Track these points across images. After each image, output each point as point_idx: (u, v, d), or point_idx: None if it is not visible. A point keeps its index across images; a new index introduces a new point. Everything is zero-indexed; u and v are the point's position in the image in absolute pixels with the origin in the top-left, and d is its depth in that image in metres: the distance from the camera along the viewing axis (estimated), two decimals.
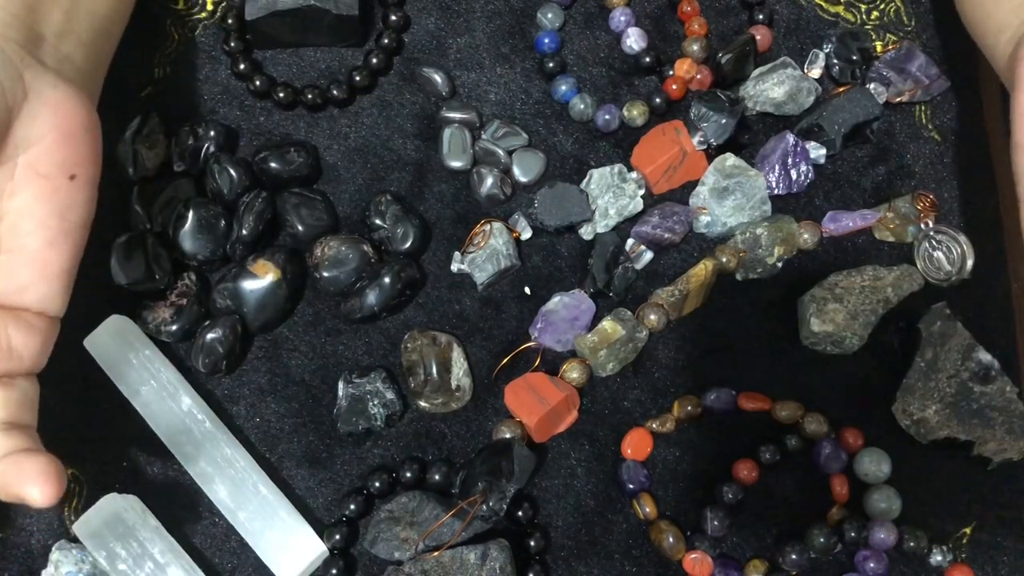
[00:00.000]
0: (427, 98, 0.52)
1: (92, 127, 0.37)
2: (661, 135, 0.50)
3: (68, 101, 0.36)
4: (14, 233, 0.35)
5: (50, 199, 0.35)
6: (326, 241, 0.48)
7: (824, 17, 0.53)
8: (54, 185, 0.35)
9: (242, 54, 0.51)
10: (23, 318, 0.35)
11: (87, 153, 0.36)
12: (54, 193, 0.35)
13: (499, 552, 0.43)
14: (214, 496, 0.45)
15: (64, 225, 0.36)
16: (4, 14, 0.36)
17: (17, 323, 0.35)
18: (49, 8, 0.38)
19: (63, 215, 0.36)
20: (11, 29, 0.36)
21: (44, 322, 0.36)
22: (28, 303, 0.35)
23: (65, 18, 0.39)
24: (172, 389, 0.46)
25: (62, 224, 0.36)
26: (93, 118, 0.37)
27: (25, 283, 0.35)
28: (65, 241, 0.36)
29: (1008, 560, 0.45)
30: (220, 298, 0.47)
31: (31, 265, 0.35)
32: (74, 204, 0.36)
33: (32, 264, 0.35)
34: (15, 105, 0.34)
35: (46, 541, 0.45)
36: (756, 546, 0.46)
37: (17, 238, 0.35)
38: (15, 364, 0.35)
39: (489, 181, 0.50)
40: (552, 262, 0.50)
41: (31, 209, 0.35)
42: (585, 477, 0.47)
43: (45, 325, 0.36)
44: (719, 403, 0.47)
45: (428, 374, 0.47)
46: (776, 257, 0.48)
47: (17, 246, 0.35)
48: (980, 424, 0.45)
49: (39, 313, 0.36)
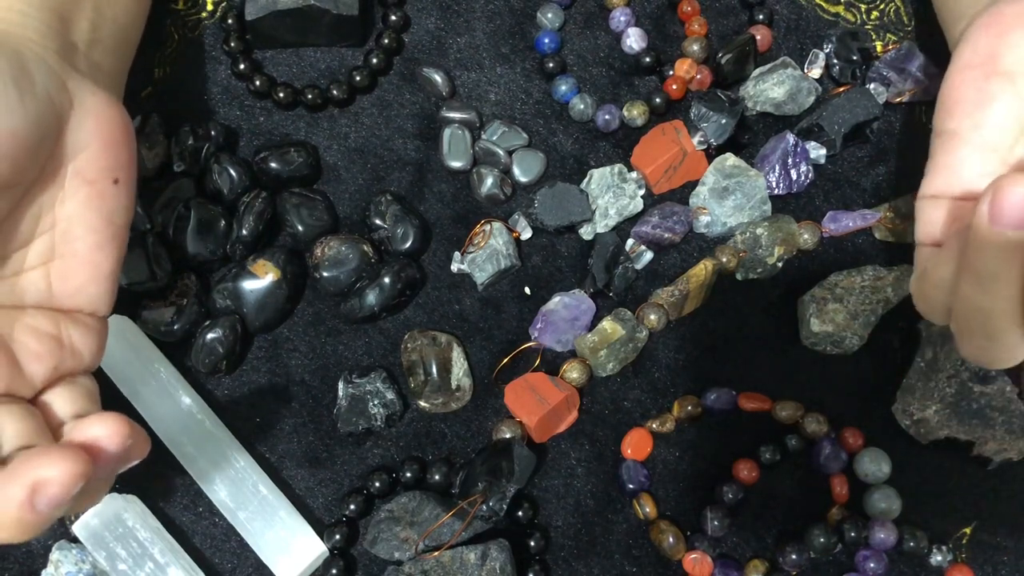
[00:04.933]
0: (427, 98, 0.52)
1: (129, 131, 0.38)
2: (661, 135, 0.50)
3: (107, 107, 0.37)
4: (66, 239, 0.36)
5: (98, 204, 0.36)
6: (326, 241, 0.48)
7: (824, 17, 0.53)
8: (100, 190, 0.36)
9: (242, 54, 0.51)
10: (79, 319, 0.37)
11: (127, 157, 0.38)
12: (101, 198, 0.36)
13: (499, 552, 0.43)
14: (214, 496, 0.45)
15: (111, 229, 0.37)
16: (40, 25, 0.37)
17: (75, 324, 0.36)
18: (79, 18, 0.40)
19: (110, 219, 0.37)
20: (48, 39, 0.37)
21: (97, 322, 0.38)
22: (82, 304, 0.37)
23: (92, 27, 0.40)
24: (172, 389, 0.46)
25: (109, 227, 0.37)
26: (128, 122, 0.38)
27: (79, 286, 0.36)
28: (112, 244, 0.37)
29: (1008, 560, 0.45)
30: (220, 298, 0.47)
31: (83, 268, 0.36)
32: (119, 207, 0.37)
33: (84, 267, 0.36)
34: (64, 114, 0.35)
35: (46, 541, 0.45)
36: (756, 546, 0.46)
37: (69, 243, 0.36)
38: (77, 362, 0.36)
39: (489, 181, 0.50)
40: (552, 262, 0.50)
41: (81, 214, 0.36)
42: (585, 477, 0.47)
43: (98, 325, 0.38)
44: (719, 403, 0.47)
45: (428, 374, 0.47)
46: (776, 257, 0.48)
47: (70, 251, 0.36)
48: (980, 424, 0.45)
49: (91, 314, 0.37)
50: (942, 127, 0.38)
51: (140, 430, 0.33)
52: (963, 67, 0.38)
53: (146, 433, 0.34)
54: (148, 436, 0.34)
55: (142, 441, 0.33)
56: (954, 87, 0.38)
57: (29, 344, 0.35)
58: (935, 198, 0.38)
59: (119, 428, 0.32)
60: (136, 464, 0.33)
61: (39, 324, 0.35)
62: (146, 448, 0.34)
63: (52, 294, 0.36)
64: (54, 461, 0.29)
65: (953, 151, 0.37)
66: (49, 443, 0.32)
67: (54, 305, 0.36)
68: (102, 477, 0.33)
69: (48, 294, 0.36)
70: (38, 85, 0.34)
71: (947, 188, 0.37)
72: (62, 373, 0.36)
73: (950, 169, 0.37)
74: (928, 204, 0.38)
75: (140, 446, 0.33)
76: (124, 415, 0.33)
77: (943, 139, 0.38)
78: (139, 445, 0.33)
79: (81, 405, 0.35)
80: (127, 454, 0.33)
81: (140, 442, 0.33)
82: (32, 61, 0.34)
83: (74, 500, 0.30)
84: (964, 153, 0.37)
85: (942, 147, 0.38)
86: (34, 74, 0.34)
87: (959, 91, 0.38)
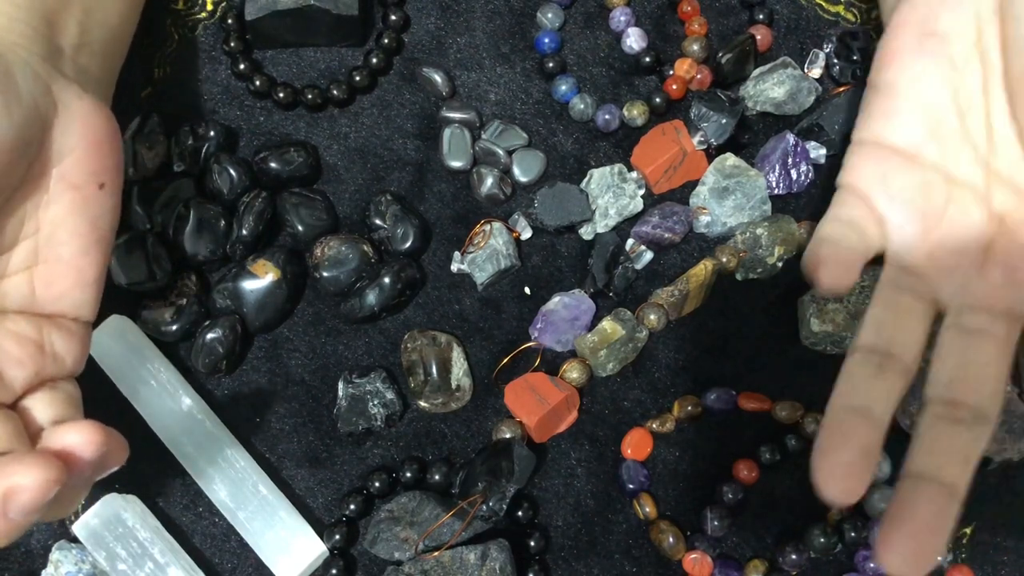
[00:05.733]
0: (427, 98, 0.52)
1: (115, 135, 0.38)
2: (661, 135, 0.50)
3: (93, 111, 0.37)
4: (50, 243, 0.36)
5: (83, 209, 0.36)
6: (326, 241, 0.48)
7: (824, 17, 0.53)
8: (85, 195, 0.36)
9: (242, 54, 0.51)
10: (62, 324, 0.37)
11: (113, 161, 0.37)
12: (86, 203, 0.36)
13: (499, 552, 0.43)
14: (214, 496, 0.45)
15: (96, 233, 0.37)
16: (26, 28, 0.37)
17: (58, 329, 0.36)
18: (66, 21, 0.39)
19: (95, 224, 0.37)
20: (34, 43, 0.37)
21: (80, 327, 0.37)
22: (65, 310, 0.37)
23: (80, 30, 0.40)
24: (172, 389, 0.46)
25: (94, 232, 0.37)
26: (115, 126, 0.38)
27: (62, 291, 0.36)
28: (97, 249, 0.37)
29: (1008, 560, 0.45)
30: (220, 298, 0.47)
31: (67, 274, 0.36)
32: (104, 212, 0.37)
33: (68, 273, 0.36)
34: (48, 119, 0.35)
35: (46, 541, 0.45)
36: (756, 546, 0.46)
37: (53, 248, 0.36)
38: (58, 368, 0.36)
39: (489, 181, 0.50)
40: (552, 262, 0.50)
41: (65, 219, 0.36)
42: (585, 477, 0.47)
43: (81, 330, 0.37)
44: (719, 403, 0.47)
45: (428, 374, 0.47)
46: (776, 257, 0.48)
47: (54, 256, 0.36)
48: None
49: (75, 319, 0.37)
50: (877, 79, 0.39)
51: (117, 438, 0.33)
52: (901, 23, 0.39)
53: (124, 440, 0.34)
54: (126, 443, 0.34)
55: (119, 448, 0.33)
56: (891, 41, 0.39)
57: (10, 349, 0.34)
58: (863, 143, 0.39)
59: (94, 436, 0.32)
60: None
61: (21, 329, 0.35)
62: (123, 456, 0.34)
63: (35, 299, 0.36)
64: (27, 468, 0.29)
65: (888, 100, 0.39)
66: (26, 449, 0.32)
67: (37, 310, 0.36)
68: (77, 484, 0.33)
69: (31, 299, 0.36)
70: (22, 90, 0.34)
71: (880, 135, 0.39)
72: (43, 378, 0.35)
73: (885, 117, 0.39)
74: (856, 148, 0.39)
75: (117, 454, 0.33)
76: (100, 423, 0.32)
77: (878, 90, 0.39)
78: (116, 453, 0.33)
79: (61, 411, 0.35)
80: (103, 461, 0.32)
81: (116, 449, 0.33)
82: (16, 65, 0.34)
83: (48, 507, 0.30)
84: (898, 103, 0.38)
85: (876, 97, 0.39)
86: (18, 79, 0.34)
87: (895, 45, 0.39)
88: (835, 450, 0.32)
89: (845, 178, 0.39)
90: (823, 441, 0.33)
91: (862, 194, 0.38)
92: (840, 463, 0.32)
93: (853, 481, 0.32)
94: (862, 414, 0.34)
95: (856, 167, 0.39)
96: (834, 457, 0.32)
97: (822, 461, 0.32)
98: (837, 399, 0.34)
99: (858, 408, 0.34)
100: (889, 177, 0.38)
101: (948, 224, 0.37)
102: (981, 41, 0.37)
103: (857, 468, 0.32)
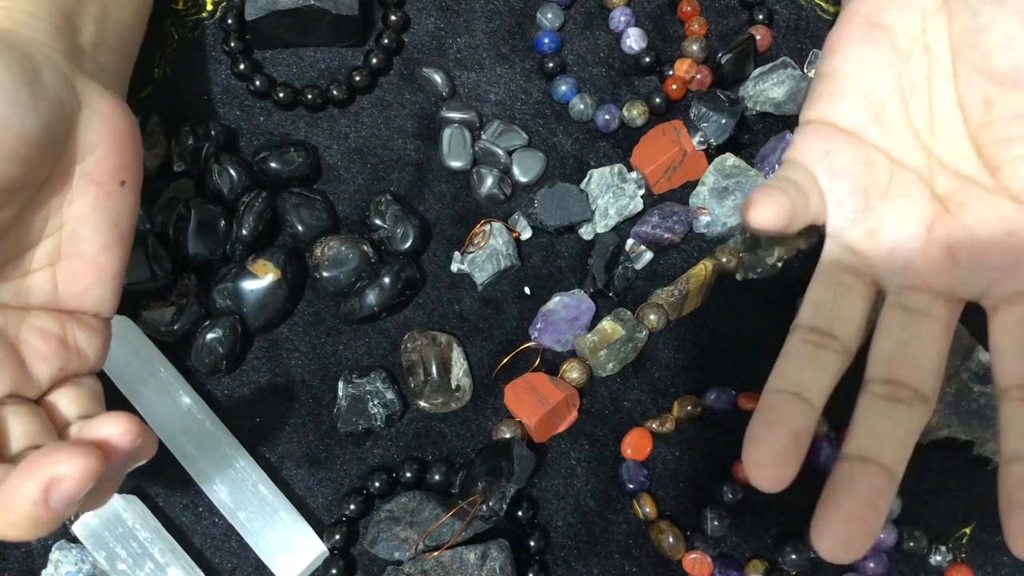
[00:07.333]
0: (427, 98, 0.52)
1: (135, 132, 0.38)
2: (661, 135, 0.50)
3: (114, 108, 0.37)
4: (73, 240, 0.36)
5: (105, 206, 0.37)
6: (326, 241, 0.48)
7: (824, 17, 0.53)
8: (107, 192, 0.37)
9: (242, 54, 0.51)
10: (84, 320, 0.37)
11: (133, 158, 0.38)
12: (108, 199, 0.37)
13: (499, 552, 0.43)
14: (214, 496, 0.45)
15: (117, 231, 0.37)
16: (48, 27, 0.37)
17: (80, 325, 0.37)
18: (84, 20, 0.40)
19: (116, 221, 0.37)
20: (56, 42, 0.37)
21: (101, 323, 0.38)
22: (87, 306, 0.37)
23: (97, 28, 0.41)
24: (172, 389, 0.46)
25: (115, 229, 0.37)
26: (135, 123, 0.38)
27: (85, 287, 0.37)
28: (118, 246, 0.37)
29: (1008, 560, 0.45)
30: (220, 298, 0.47)
31: (89, 270, 0.37)
32: (124, 209, 0.37)
33: (90, 269, 0.37)
34: (73, 115, 0.35)
35: (46, 541, 0.45)
36: (756, 546, 0.46)
37: (76, 245, 0.36)
38: (82, 363, 0.37)
39: (489, 181, 0.50)
40: (552, 262, 0.50)
41: (88, 216, 0.36)
42: (585, 477, 0.47)
43: (102, 326, 0.38)
44: (719, 403, 0.47)
45: (428, 374, 0.47)
46: (776, 257, 0.48)
47: (76, 252, 0.36)
48: (980, 424, 0.45)
49: (96, 315, 0.37)
50: (824, 67, 0.41)
51: (148, 429, 0.34)
52: (849, 15, 0.40)
53: (154, 433, 0.34)
54: (155, 436, 0.35)
55: (150, 440, 0.34)
56: (839, 32, 0.40)
57: (35, 345, 0.35)
58: (809, 123, 0.40)
59: (130, 427, 0.32)
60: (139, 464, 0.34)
61: (45, 325, 0.36)
62: (153, 447, 0.34)
63: (58, 295, 0.36)
64: (69, 457, 0.29)
65: (833, 85, 0.40)
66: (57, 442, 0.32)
67: (59, 306, 0.36)
68: (112, 476, 0.33)
69: (54, 295, 0.36)
70: (48, 87, 0.34)
71: (825, 115, 0.40)
72: (67, 374, 0.36)
73: (831, 99, 0.40)
74: (802, 128, 0.40)
75: (148, 445, 0.34)
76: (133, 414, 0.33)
77: (824, 77, 0.40)
78: (147, 444, 0.34)
79: (86, 406, 0.36)
80: (136, 453, 0.33)
81: (148, 441, 0.34)
82: (42, 63, 0.34)
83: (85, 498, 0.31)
84: (843, 86, 0.39)
85: (822, 83, 0.40)
86: (44, 76, 0.34)
87: (843, 35, 0.40)
88: (764, 439, 0.33)
89: (790, 154, 0.40)
90: (754, 428, 0.33)
91: (806, 169, 0.39)
92: (768, 453, 0.32)
93: (781, 470, 0.32)
94: (796, 397, 0.34)
95: (801, 144, 0.40)
96: (763, 446, 0.32)
97: (751, 448, 0.32)
98: (772, 381, 0.35)
99: (792, 391, 0.34)
100: (833, 153, 0.39)
101: (890, 203, 0.38)
102: (926, 34, 0.39)
103: (786, 457, 0.32)
